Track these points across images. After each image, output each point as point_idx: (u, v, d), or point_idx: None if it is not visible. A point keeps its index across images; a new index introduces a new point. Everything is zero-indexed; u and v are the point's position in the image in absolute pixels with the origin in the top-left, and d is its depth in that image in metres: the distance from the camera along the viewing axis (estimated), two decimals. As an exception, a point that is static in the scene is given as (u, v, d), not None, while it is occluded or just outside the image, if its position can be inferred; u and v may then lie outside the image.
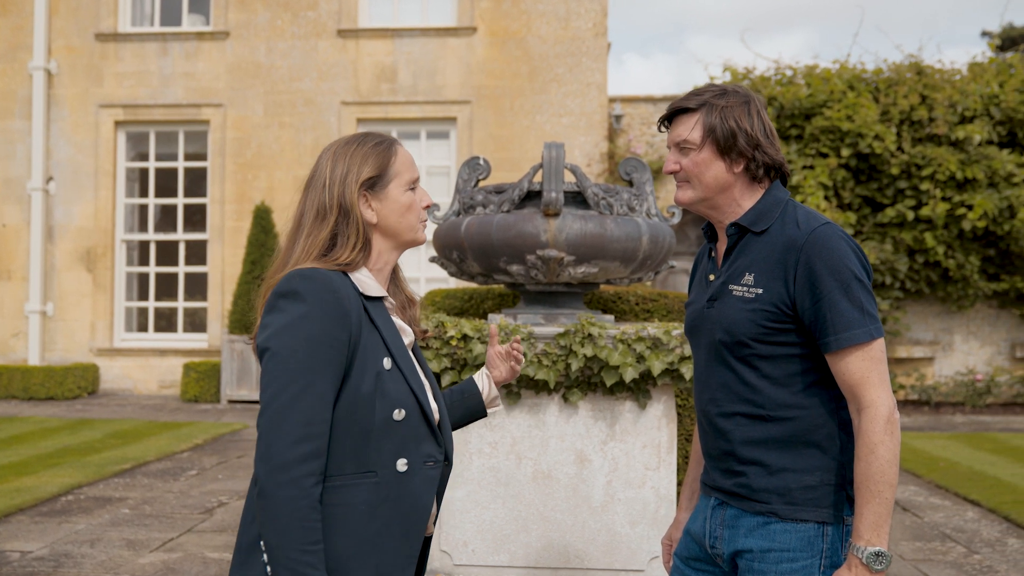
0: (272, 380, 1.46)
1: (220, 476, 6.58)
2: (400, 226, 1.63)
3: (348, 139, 1.65)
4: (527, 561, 3.14)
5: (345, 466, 1.51)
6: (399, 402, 1.54)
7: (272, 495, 1.42)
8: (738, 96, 1.76)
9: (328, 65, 11.84)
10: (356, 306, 1.53)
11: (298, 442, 1.43)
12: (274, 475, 1.42)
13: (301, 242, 1.59)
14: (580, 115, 11.67)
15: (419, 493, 1.57)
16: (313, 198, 1.61)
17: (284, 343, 1.47)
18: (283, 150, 11.81)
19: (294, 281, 1.50)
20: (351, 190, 1.58)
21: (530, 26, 11.76)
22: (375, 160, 1.61)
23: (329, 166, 1.61)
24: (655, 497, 3.13)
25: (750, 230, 1.75)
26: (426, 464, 1.58)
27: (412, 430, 1.56)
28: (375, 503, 1.52)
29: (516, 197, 3.23)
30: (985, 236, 10.91)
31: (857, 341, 1.60)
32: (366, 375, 1.51)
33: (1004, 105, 10.68)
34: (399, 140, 1.72)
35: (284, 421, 1.43)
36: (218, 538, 4.89)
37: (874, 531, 1.56)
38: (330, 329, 1.48)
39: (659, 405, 3.14)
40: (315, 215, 1.59)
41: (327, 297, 1.49)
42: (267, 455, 1.43)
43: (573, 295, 3.45)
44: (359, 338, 1.52)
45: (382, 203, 1.61)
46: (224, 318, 11.52)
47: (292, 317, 1.48)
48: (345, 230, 1.58)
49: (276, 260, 1.63)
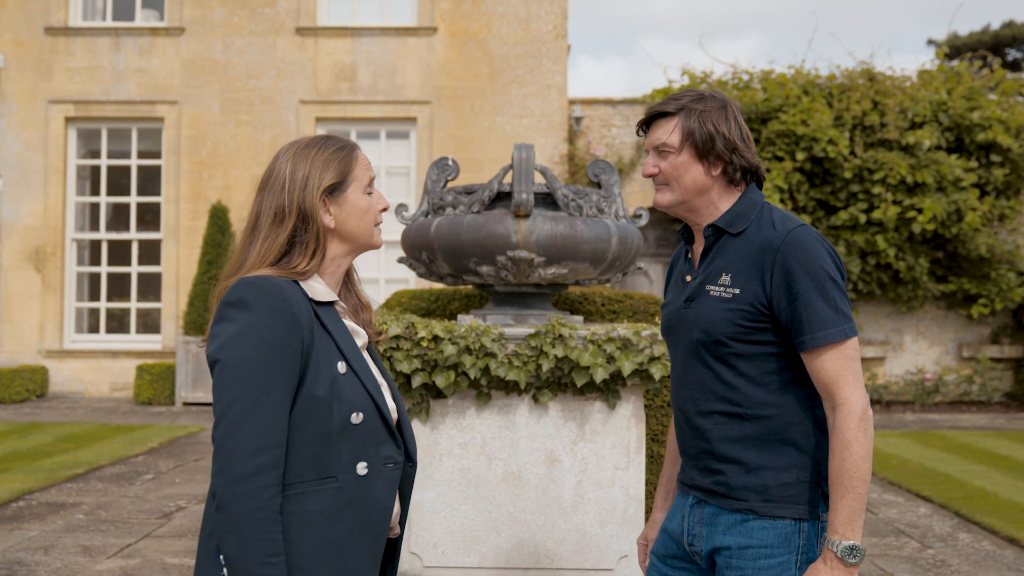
0: (225, 392, 1.44)
1: (177, 480, 6.46)
2: (358, 230, 1.61)
3: (308, 142, 1.63)
4: (497, 562, 3.14)
5: (305, 473, 1.49)
6: (356, 405, 1.53)
7: (230, 508, 1.40)
8: (715, 101, 1.79)
9: (286, 63, 11.71)
10: (306, 312, 1.51)
11: (254, 453, 1.41)
12: (232, 487, 1.40)
13: (258, 245, 1.56)
14: (540, 116, 11.71)
15: (380, 496, 1.56)
16: (271, 200, 1.58)
17: (235, 353, 1.45)
18: (240, 149, 11.65)
19: (241, 289, 1.48)
20: (312, 196, 1.56)
21: (491, 27, 11.77)
22: (337, 166, 1.59)
23: (289, 168, 1.58)
24: (624, 497, 3.16)
25: (727, 231, 1.78)
26: (386, 466, 1.57)
27: (370, 432, 1.55)
28: (337, 508, 1.51)
29: (486, 198, 3.23)
30: (934, 239, 11.21)
31: (832, 340, 1.64)
32: (320, 380, 1.50)
33: (952, 112, 10.99)
34: (357, 143, 1.70)
35: (239, 432, 1.42)
36: (177, 543, 4.80)
37: (848, 525, 1.60)
38: (281, 336, 1.46)
39: (628, 405, 3.16)
40: (273, 218, 1.56)
41: (276, 304, 1.47)
42: (224, 468, 1.41)
43: (542, 296, 3.47)
44: (311, 344, 1.50)
45: (341, 208, 1.59)
46: (179, 319, 11.32)
47: (241, 326, 1.46)
48: (303, 236, 1.56)
49: (230, 262, 1.60)
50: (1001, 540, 5.23)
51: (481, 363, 3.02)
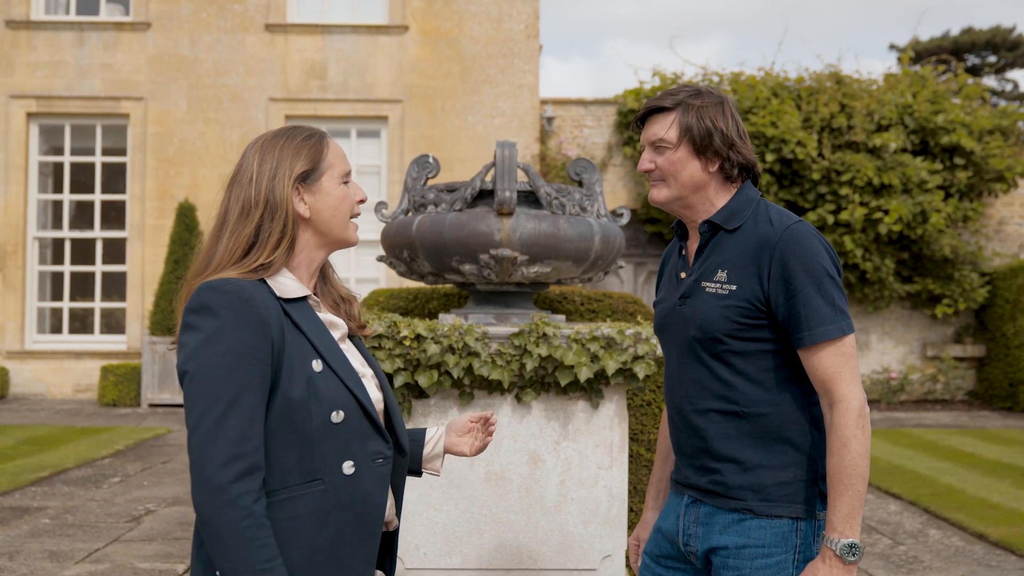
0: (196, 403, 1.39)
1: (145, 483, 6.34)
2: (333, 221, 1.56)
3: (275, 133, 1.58)
4: (480, 563, 3.11)
5: (289, 478, 1.45)
6: (336, 403, 1.48)
7: (213, 521, 1.35)
8: (712, 96, 1.78)
9: (255, 60, 11.57)
10: (274, 312, 1.46)
11: (230, 462, 1.36)
12: (210, 500, 1.35)
13: (224, 240, 1.51)
14: (512, 116, 11.69)
15: (371, 493, 1.52)
16: (238, 194, 1.53)
17: (202, 362, 1.40)
18: (208, 146, 11.48)
19: (204, 295, 1.43)
20: (283, 184, 1.51)
21: (462, 26, 11.73)
22: (308, 153, 1.55)
23: (256, 160, 1.54)
24: (608, 496, 3.14)
25: (723, 228, 1.77)
26: (375, 462, 1.53)
27: (354, 430, 1.50)
28: (325, 511, 1.47)
29: (469, 196, 3.20)
30: (900, 240, 11.38)
31: (829, 337, 1.63)
32: (295, 382, 1.45)
33: (917, 115, 11.16)
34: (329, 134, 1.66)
35: (213, 443, 1.37)
36: (148, 547, 4.70)
37: (847, 523, 1.59)
38: (249, 340, 1.41)
39: (611, 404, 3.15)
40: (240, 211, 1.51)
41: (241, 307, 1.42)
42: (201, 481, 1.36)
43: (523, 295, 3.44)
44: (282, 344, 1.45)
45: (315, 196, 1.54)
46: (145, 319, 11.13)
47: (207, 334, 1.41)
48: (268, 226, 1.50)
49: (198, 260, 1.55)
50: (970, 536, 5.31)
51: (464, 362, 2.99)
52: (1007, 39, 26.54)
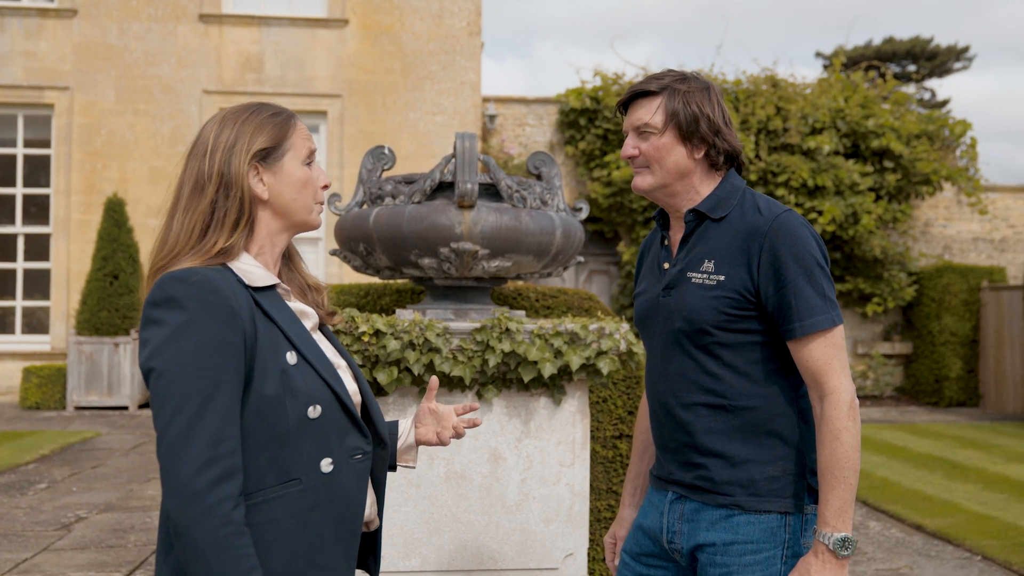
0: (164, 403, 1.28)
1: (75, 489, 6.05)
2: (294, 204, 1.46)
3: (240, 107, 1.48)
4: (439, 565, 3.03)
5: (264, 479, 1.35)
6: (312, 398, 1.39)
7: (189, 531, 1.25)
8: (699, 82, 1.74)
9: (188, 51, 11.21)
10: (245, 302, 1.36)
11: (206, 466, 1.26)
12: (186, 509, 1.25)
13: (179, 218, 1.41)
14: (454, 114, 11.59)
15: (350, 491, 1.44)
16: (192, 167, 1.42)
17: (170, 359, 1.29)
18: (138, 139, 11.07)
19: (167, 286, 1.32)
20: (239, 159, 1.40)
21: (403, 21, 11.58)
22: (272, 130, 1.44)
23: (215, 132, 1.43)
24: (570, 494, 3.10)
25: (709, 217, 1.73)
26: (353, 458, 1.44)
27: (332, 424, 1.42)
28: (303, 512, 1.38)
29: (428, 188, 3.11)
30: (832, 240, 11.67)
31: (820, 327, 1.61)
32: (268, 376, 1.35)
33: (849, 119, 11.46)
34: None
35: (186, 447, 1.26)
36: (80, 556, 4.47)
37: (839, 517, 1.57)
38: (220, 334, 1.30)
39: (573, 401, 3.11)
40: (193, 186, 1.41)
41: (209, 298, 1.31)
42: (174, 488, 1.26)
43: (482, 290, 3.37)
44: (254, 337, 1.35)
45: (275, 177, 1.44)
46: (70, 318, 10.67)
47: (173, 328, 1.30)
48: (224, 204, 1.40)
49: (155, 245, 1.44)
50: (908, 527, 5.45)
51: (425, 359, 2.90)
52: (926, 49, 27.59)
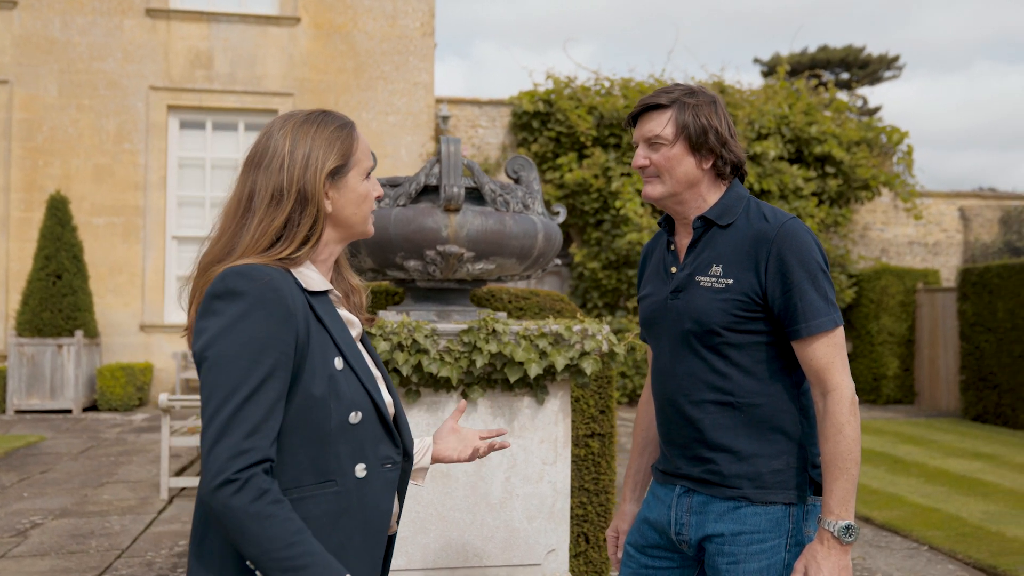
0: (213, 391, 1.32)
1: (25, 494, 5.89)
2: (355, 217, 1.52)
3: (305, 117, 1.52)
4: (425, 563, 3.07)
5: (303, 477, 1.40)
6: (355, 404, 1.44)
7: (229, 510, 1.28)
8: (706, 96, 1.83)
9: (135, 46, 10.97)
10: (301, 304, 1.41)
11: (241, 455, 1.30)
12: (222, 490, 1.28)
13: (252, 227, 1.43)
14: (407, 114, 11.58)
15: (379, 499, 1.48)
16: (267, 179, 1.45)
17: (224, 349, 1.33)
18: (82, 135, 10.79)
19: (230, 280, 1.36)
20: (315, 178, 1.45)
21: (356, 21, 11.52)
22: (340, 147, 1.49)
23: (288, 145, 1.47)
24: (552, 491, 3.17)
25: (716, 223, 1.82)
26: (384, 466, 1.50)
27: (369, 432, 1.47)
28: (336, 514, 1.43)
29: (413, 191, 3.15)
30: (777, 243, 11.99)
31: (824, 328, 1.71)
32: (317, 378, 1.40)
33: (793, 125, 11.81)
34: (215, 134, 1.60)
35: (228, 435, 1.30)
36: (41, 563, 4.37)
37: (843, 506, 1.67)
38: (275, 330, 1.35)
39: (556, 400, 3.18)
40: (270, 199, 1.44)
41: (269, 295, 1.36)
42: (214, 473, 1.29)
43: (463, 292, 3.42)
44: (307, 338, 1.40)
45: (340, 192, 1.50)
46: (9, 319, 10.34)
47: (230, 319, 1.34)
48: (298, 219, 1.44)
49: (216, 247, 1.47)
50: (857, 520, 5.67)
51: (414, 359, 2.94)
52: (858, 58, 28.52)
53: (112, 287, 10.80)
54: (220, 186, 11.34)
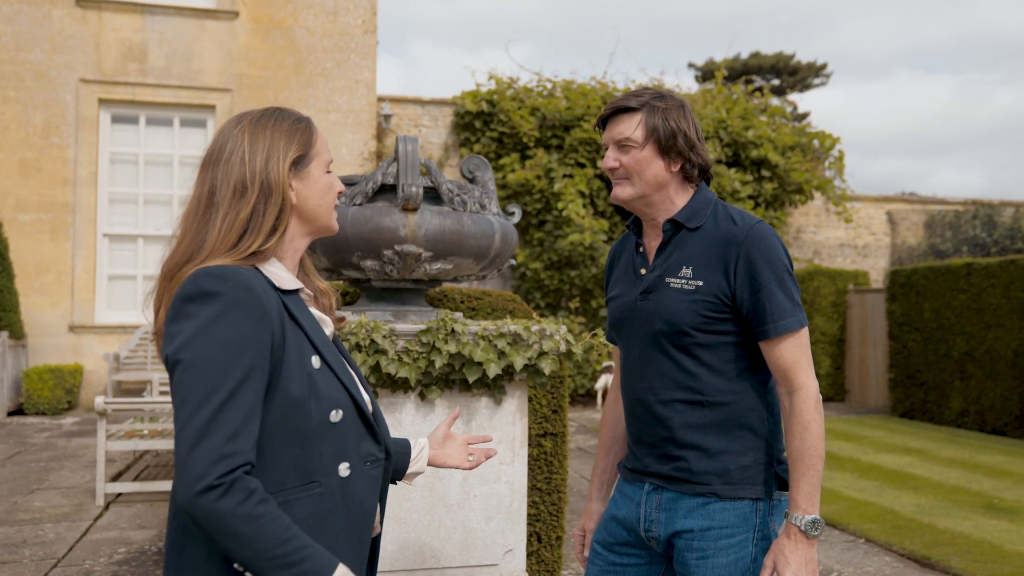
0: (188, 395, 1.28)
1: (-50, 503, 5.63)
2: (320, 209, 1.51)
3: (261, 113, 1.51)
4: (383, 566, 3.04)
5: (286, 480, 1.37)
6: (335, 402, 1.43)
7: (213, 517, 1.23)
8: (674, 100, 1.86)
9: (64, 37, 10.60)
10: (275, 303, 1.39)
11: (222, 459, 1.26)
12: (203, 498, 1.23)
13: (217, 223, 1.41)
14: (348, 112, 11.45)
15: (363, 497, 1.47)
16: (227, 173, 1.43)
17: (199, 351, 1.29)
18: (7, 128, 10.38)
19: (202, 281, 1.33)
20: (278, 168, 1.44)
21: (296, 16, 11.35)
22: (300, 138, 1.49)
23: (246, 140, 1.45)
24: (509, 491, 3.17)
25: (685, 226, 1.85)
26: (367, 464, 1.49)
27: (350, 430, 1.45)
28: (321, 515, 1.41)
29: (370, 190, 3.12)
30: (715, 245, 12.24)
31: (791, 329, 1.75)
32: (295, 378, 1.38)
33: (730, 129, 12.07)
34: (148, 129, 1.59)
35: (206, 439, 1.25)
36: (-29, 574, 4.19)
37: (809, 501, 1.72)
38: (251, 331, 1.32)
39: (513, 400, 3.19)
40: (233, 192, 1.42)
41: (243, 295, 1.33)
42: (192, 480, 1.24)
43: (418, 292, 3.40)
44: (283, 338, 1.38)
45: (303, 183, 1.49)
46: (-72, 320, 9.87)
47: (204, 321, 1.31)
48: (263, 209, 1.43)
49: (181, 247, 1.43)
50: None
51: (372, 360, 2.91)
52: (788, 64, 29.30)
53: (39, 286, 10.41)
54: (154, 183, 11.03)
